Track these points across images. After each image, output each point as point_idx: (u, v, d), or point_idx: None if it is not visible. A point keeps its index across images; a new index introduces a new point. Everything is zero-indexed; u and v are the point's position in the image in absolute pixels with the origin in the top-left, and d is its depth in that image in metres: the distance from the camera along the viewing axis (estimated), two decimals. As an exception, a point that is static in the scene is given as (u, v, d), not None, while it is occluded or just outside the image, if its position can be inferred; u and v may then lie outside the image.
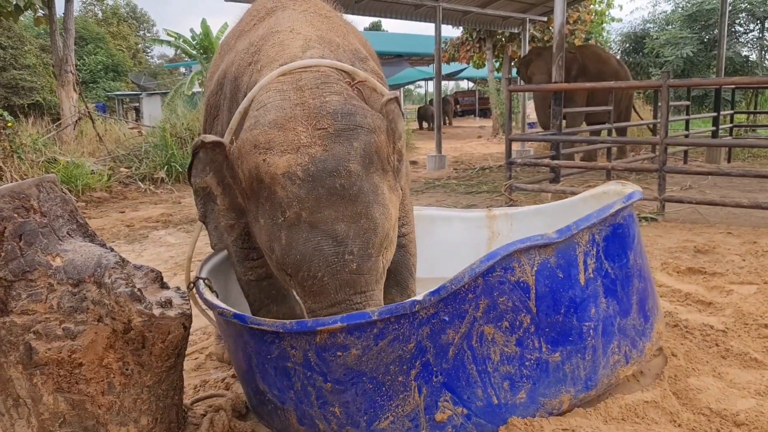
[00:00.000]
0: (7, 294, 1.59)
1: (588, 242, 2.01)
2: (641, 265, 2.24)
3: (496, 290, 1.80)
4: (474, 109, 35.08)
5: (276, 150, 1.68)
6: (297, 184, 1.63)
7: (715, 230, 5.20)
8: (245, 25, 2.53)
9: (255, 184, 1.72)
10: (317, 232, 1.63)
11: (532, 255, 1.88)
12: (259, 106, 1.83)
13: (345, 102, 1.78)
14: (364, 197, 1.67)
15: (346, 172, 1.66)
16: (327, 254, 1.63)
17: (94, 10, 34.32)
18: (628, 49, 20.52)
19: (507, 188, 6.70)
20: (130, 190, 9.31)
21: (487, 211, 3.18)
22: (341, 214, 1.64)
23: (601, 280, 2.05)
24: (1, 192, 1.59)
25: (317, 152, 1.66)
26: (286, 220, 1.65)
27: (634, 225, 2.25)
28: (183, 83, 21.09)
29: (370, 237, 1.67)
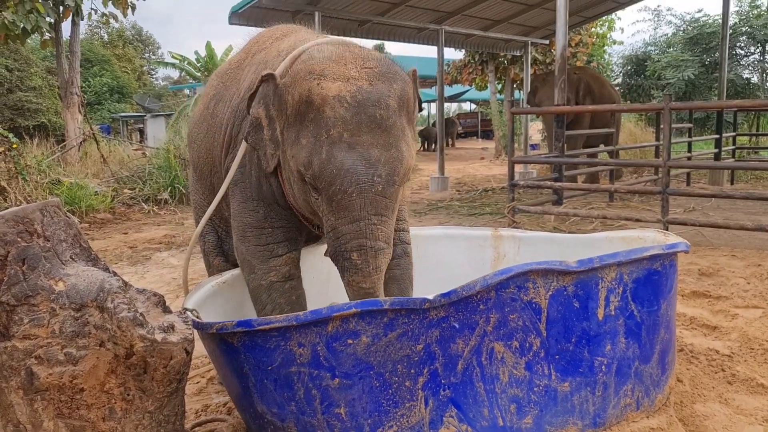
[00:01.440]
0: (9, 319, 1.58)
1: (614, 280, 2.00)
2: (671, 317, 2.21)
3: (507, 306, 1.80)
4: (476, 131, 35.21)
5: (329, 77, 1.91)
6: (345, 107, 1.86)
7: (719, 253, 5.18)
8: (259, 47, 2.59)
9: (303, 107, 1.92)
10: (354, 153, 1.85)
11: (549, 279, 1.88)
12: (310, 50, 2.08)
13: (384, 57, 2.08)
14: (396, 131, 1.92)
15: (386, 105, 1.90)
16: (359, 173, 1.84)
17: (100, 32, 34.64)
18: (629, 72, 20.61)
19: (510, 210, 6.69)
20: (134, 211, 9.34)
21: (493, 231, 3.14)
22: (377, 140, 1.87)
23: (624, 320, 2.02)
24: (5, 216, 1.60)
25: (364, 84, 1.91)
26: (330, 137, 1.86)
27: (674, 276, 2.20)
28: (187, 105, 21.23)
29: (396, 166, 1.89)
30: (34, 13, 11.19)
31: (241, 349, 1.84)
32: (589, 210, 7.25)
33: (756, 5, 18.06)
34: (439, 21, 11.59)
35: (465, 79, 19.77)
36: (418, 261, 3.08)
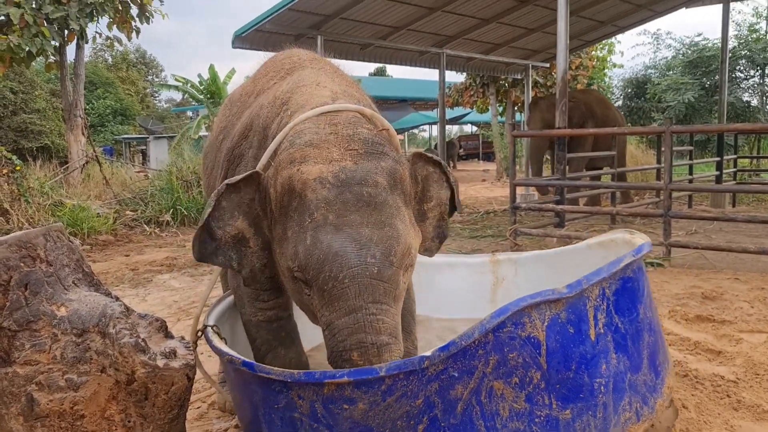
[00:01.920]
0: (11, 344, 1.58)
1: (598, 296, 1.98)
2: (651, 318, 2.20)
3: (506, 346, 1.77)
4: (478, 153, 35.35)
5: (309, 162, 1.78)
6: (327, 187, 1.72)
7: (722, 276, 5.17)
8: (263, 84, 2.61)
9: (286, 197, 1.80)
10: (342, 234, 1.69)
11: (543, 310, 1.85)
12: (294, 134, 1.92)
13: (375, 134, 1.91)
14: (388, 208, 1.76)
15: (373, 183, 1.75)
16: (350, 255, 1.67)
17: (104, 55, 34.97)
18: (630, 94, 20.75)
19: (512, 233, 6.69)
20: (135, 233, 9.34)
21: (491, 257, 3.16)
22: (366, 219, 1.71)
23: (611, 336, 2.01)
24: (8, 241, 1.60)
25: (347, 164, 1.77)
26: (313, 221, 1.71)
27: (644, 278, 2.21)
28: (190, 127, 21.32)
29: (392, 245, 1.72)
30: (40, 37, 11.29)
31: (252, 381, 1.83)
32: (591, 233, 7.24)
33: (755, 29, 18.24)
34: (441, 45, 11.69)
35: (466, 101, 19.91)
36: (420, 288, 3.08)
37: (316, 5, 9.00)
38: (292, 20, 9.25)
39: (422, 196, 2.04)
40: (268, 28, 9.09)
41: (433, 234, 2.11)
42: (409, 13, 10.22)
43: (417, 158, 2.01)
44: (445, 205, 2.10)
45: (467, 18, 10.90)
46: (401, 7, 9.87)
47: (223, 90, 21.12)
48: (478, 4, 10.41)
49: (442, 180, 2.07)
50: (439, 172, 2.06)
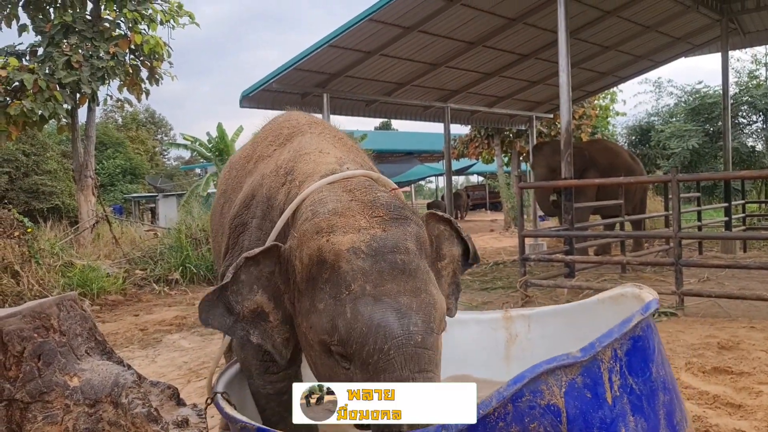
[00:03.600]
0: (23, 416, 1.57)
1: (611, 358, 1.94)
2: (664, 376, 2.15)
3: (527, 416, 1.72)
4: (485, 203, 35.46)
5: (338, 231, 1.75)
6: (361, 257, 1.70)
7: (737, 324, 5.10)
8: (263, 150, 2.63)
9: (315, 269, 1.76)
10: (382, 305, 1.65)
11: (559, 375, 1.82)
12: (315, 202, 1.90)
13: (393, 198, 1.91)
14: (422, 274, 1.75)
15: (405, 249, 1.75)
16: (393, 326, 1.64)
17: (114, 116, 35.67)
18: (634, 141, 20.92)
19: (522, 284, 6.65)
20: (145, 292, 9.34)
21: (504, 313, 3.14)
22: (403, 287, 1.69)
23: (627, 398, 1.96)
24: (22, 312, 1.61)
25: (377, 232, 1.75)
26: (351, 293, 1.67)
27: (653, 335, 2.17)
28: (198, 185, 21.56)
29: (431, 311, 1.70)
30: (52, 101, 11.59)
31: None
32: (602, 282, 7.20)
33: (755, 76, 18.47)
34: (445, 99, 11.89)
35: (472, 153, 20.11)
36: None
37: (321, 65, 9.21)
38: (298, 80, 9.45)
39: (436, 255, 2.02)
40: (275, 87, 9.29)
41: (449, 291, 2.08)
42: (413, 70, 10.44)
43: (429, 218, 2.02)
44: (458, 262, 2.09)
45: (470, 72, 11.12)
46: (405, 64, 10.09)
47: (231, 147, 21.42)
48: (481, 59, 10.63)
49: (452, 237, 2.07)
50: (450, 229, 2.07)
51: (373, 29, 8.62)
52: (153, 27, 13.10)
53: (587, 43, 10.78)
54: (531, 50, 10.78)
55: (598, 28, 10.40)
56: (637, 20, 10.51)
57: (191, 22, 13.94)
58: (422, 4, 8.29)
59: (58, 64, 11.63)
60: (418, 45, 9.54)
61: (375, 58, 9.52)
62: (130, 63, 12.90)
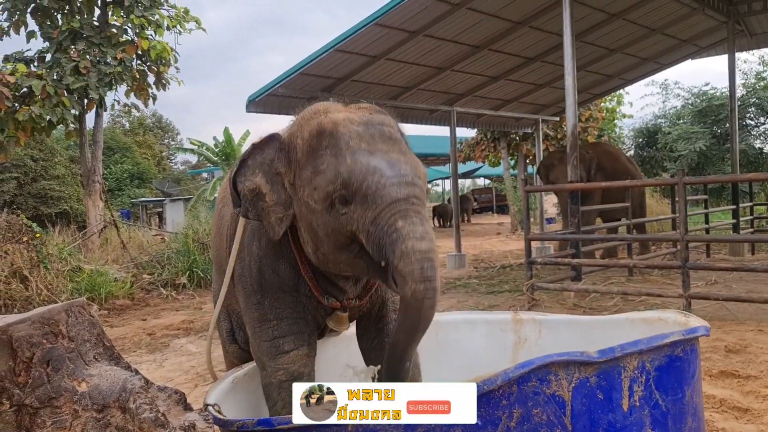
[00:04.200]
0: (32, 422, 1.59)
1: (636, 369, 1.95)
2: (697, 403, 2.14)
3: (530, 400, 1.76)
4: (491, 206, 35.40)
5: (334, 112, 2.10)
6: (356, 124, 2.03)
7: (745, 327, 5.08)
8: None
9: (315, 140, 2.05)
10: (376, 157, 1.97)
11: (571, 371, 1.84)
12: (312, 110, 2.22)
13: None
14: (406, 144, 2.12)
15: (390, 124, 2.10)
16: (386, 169, 1.94)
17: (121, 121, 35.83)
18: (641, 144, 20.86)
19: (529, 288, 6.65)
20: (152, 296, 9.38)
21: (513, 315, 3.11)
22: (392, 148, 2.02)
23: (649, 410, 1.97)
24: (31, 318, 1.63)
25: (365, 113, 2.11)
26: (350, 148, 1.97)
27: (696, 361, 2.15)
28: (205, 189, 21.66)
29: (417, 165, 2.04)
30: (60, 107, 11.65)
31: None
32: (608, 285, 7.18)
33: (762, 77, 18.39)
34: (450, 103, 11.89)
35: (478, 156, 20.09)
36: (437, 347, 3.05)
37: (327, 69, 9.24)
38: (304, 84, 9.48)
39: None
40: (281, 92, 9.32)
41: None
42: (419, 74, 10.44)
43: None
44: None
45: (476, 76, 11.12)
46: (411, 68, 10.10)
47: (238, 151, 21.52)
48: (486, 62, 10.63)
49: None
50: None
51: (378, 33, 8.64)
52: (160, 33, 13.16)
53: (593, 46, 10.78)
54: (537, 53, 10.78)
55: (603, 31, 10.39)
56: (643, 23, 10.49)
57: (198, 28, 13.99)
58: (428, 8, 8.31)
59: (66, 70, 11.70)
60: (423, 49, 9.55)
61: (381, 63, 9.54)
62: (137, 68, 12.96)
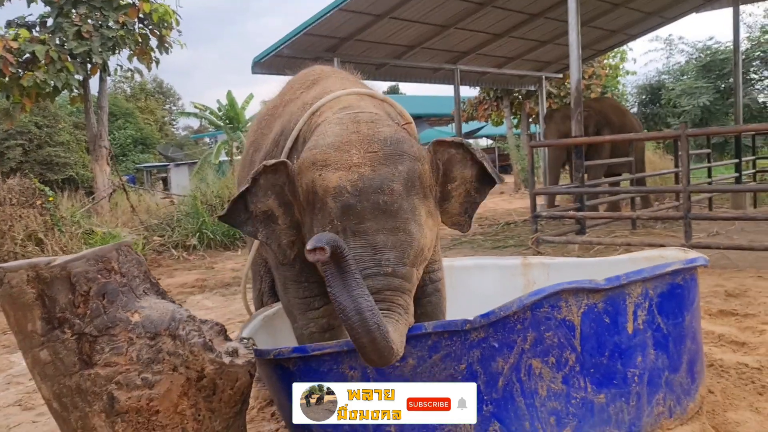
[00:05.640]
0: (92, 348, 1.75)
1: (640, 295, 2.11)
2: (696, 329, 2.33)
3: (542, 325, 1.93)
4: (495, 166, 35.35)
5: (330, 167, 1.92)
6: (345, 197, 1.87)
7: (745, 275, 5.23)
8: (290, 95, 2.77)
9: (311, 196, 1.97)
10: (359, 241, 1.85)
11: (580, 297, 2.00)
12: (320, 133, 2.08)
13: (395, 132, 2.03)
14: (403, 214, 1.89)
15: (389, 191, 1.89)
16: (366, 260, 1.83)
17: (123, 87, 35.71)
18: (645, 101, 20.80)
19: (534, 241, 6.80)
20: (164, 257, 9.56)
21: (523, 259, 3.27)
22: (382, 226, 1.86)
23: (651, 333, 2.14)
24: (86, 256, 1.78)
25: (366, 171, 1.90)
26: (334, 227, 1.87)
27: (695, 289, 2.33)
28: (210, 153, 21.71)
29: (405, 248, 1.88)
30: (64, 72, 11.68)
31: (297, 373, 1.99)
32: (612, 238, 7.33)
33: (767, 30, 18.23)
34: (454, 61, 11.89)
35: (481, 115, 20.08)
36: (451, 291, 3.19)
37: (331, 29, 9.25)
38: (308, 44, 9.51)
39: (445, 178, 2.13)
40: (286, 53, 9.36)
41: (460, 210, 2.17)
42: (423, 32, 10.44)
43: (437, 146, 2.12)
44: (471, 182, 2.15)
45: (480, 33, 11.11)
46: (414, 26, 10.10)
47: (241, 115, 21.52)
48: (490, 19, 10.61)
49: (466, 159, 2.14)
50: (462, 152, 2.13)
51: (382, -9, 8.65)
52: (161, -6, 13.10)
53: (597, 1, 10.72)
54: (540, 9, 10.74)
55: (607, -15, 10.35)
56: (647, -24, 10.43)
57: (199, -11, 13.90)
58: (431, -36, 8.30)
59: (68, 35, 11.70)
60: (427, 7, 9.54)
61: (384, 21, 9.54)
62: (139, 32, 12.93)
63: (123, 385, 1.74)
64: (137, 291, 1.83)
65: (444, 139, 2.12)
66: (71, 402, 1.78)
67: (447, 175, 2.13)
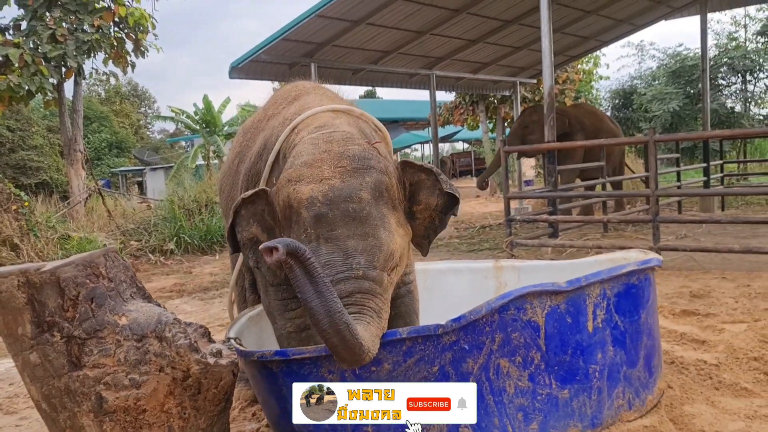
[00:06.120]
0: (81, 350, 1.82)
1: (598, 295, 2.25)
2: (652, 325, 2.47)
3: (509, 326, 2.05)
4: (471, 170, 35.67)
5: (303, 181, 2.07)
6: (317, 206, 2.00)
7: (710, 276, 5.42)
8: (273, 110, 2.92)
9: (287, 211, 2.10)
10: (331, 246, 1.97)
11: (544, 299, 2.13)
12: (296, 153, 2.22)
13: (364, 150, 2.16)
14: (372, 220, 2.01)
15: (358, 199, 2.01)
16: (338, 265, 1.95)
17: (97, 90, 35.38)
18: (618, 105, 21.13)
19: (508, 244, 6.94)
20: (141, 262, 9.55)
21: (495, 262, 3.41)
22: (353, 232, 1.98)
23: (610, 331, 2.28)
24: (75, 262, 1.85)
25: (336, 183, 2.03)
26: (308, 236, 2.00)
27: (650, 288, 2.48)
28: (187, 157, 21.62)
29: (375, 252, 1.98)
30: (38, 75, 11.57)
31: (280, 374, 2.09)
32: (584, 241, 7.51)
33: (734, 38, 18.70)
34: (430, 66, 12.05)
35: (457, 119, 20.28)
36: (425, 293, 3.32)
37: (308, 34, 9.33)
38: (286, 50, 9.58)
39: (412, 199, 2.25)
40: (264, 58, 9.42)
41: (423, 234, 2.29)
42: (398, 38, 10.57)
43: (407, 166, 2.25)
44: (435, 210, 2.25)
45: (454, 40, 11.27)
46: (390, 32, 10.22)
47: (218, 119, 21.47)
48: (465, 26, 10.77)
49: (434, 188, 2.23)
50: (433, 180, 2.23)
51: (358, -2, 8.75)
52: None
53: (569, 8, 10.94)
54: (514, 16, 10.93)
55: (579, -7, 10.57)
56: (618, -16, 10.67)
57: (175, -6, 13.90)
58: (406, -28, 8.42)
59: (42, 38, 11.59)
60: (403, 13, 9.67)
61: (361, 27, 9.65)
62: (115, 36, 12.86)
63: (111, 386, 1.81)
64: (124, 295, 1.91)
65: (414, 162, 2.25)
66: (60, 403, 1.86)
67: (414, 197, 2.25)
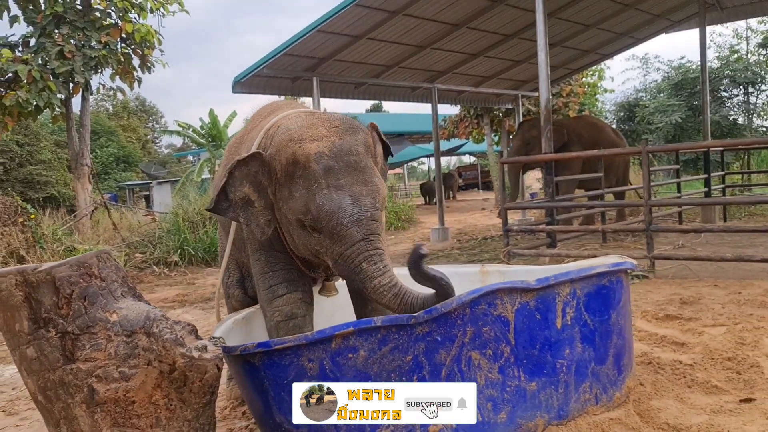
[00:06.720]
0: (74, 345, 1.94)
1: (568, 294, 2.36)
2: (623, 325, 2.57)
3: (480, 320, 2.16)
4: (477, 183, 35.80)
5: (307, 140, 2.39)
6: (325, 159, 2.33)
7: (703, 284, 5.48)
8: (253, 124, 3.14)
9: (291, 167, 2.37)
10: (342, 193, 2.30)
11: (514, 296, 2.24)
12: (284, 126, 2.52)
13: (345, 116, 2.57)
14: (368, 170, 2.40)
15: (356, 152, 2.39)
16: (349, 207, 2.29)
17: (105, 105, 35.80)
18: (623, 118, 21.22)
19: (506, 254, 7.04)
20: (146, 274, 9.68)
21: (481, 267, 3.53)
22: (356, 180, 2.34)
23: (579, 328, 2.38)
24: (69, 263, 1.97)
25: (335, 140, 2.39)
26: (318, 186, 2.31)
27: (621, 290, 2.59)
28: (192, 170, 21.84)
29: (375, 195, 2.36)
30: (46, 91, 11.82)
31: (261, 367, 2.20)
32: (581, 251, 7.59)
33: (735, 50, 18.81)
34: (431, 80, 12.19)
35: (462, 133, 20.39)
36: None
37: (310, 49, 9.50)
38: (288, 64, 9.74)
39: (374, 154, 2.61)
40: (266, 72, 9.58)
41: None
42: (400, 52, 10.72)
43: (370, 129, 2.63)
44: (381, 156, 2.71)
45: (455, 54, 11.41)
46: (391, 46, 10.37)
47: (224, 133, 21.71)
48: (465, 40, 10.92)
49: (377, 140, 2.66)
50: (376, 134, 2.66)
51: (360, 14, 8.89)
52: (143, 15, 13.30)
53: (568, 22, 11.08)
54: (513, 30, 11.07)
55: (578, 8, 10.68)
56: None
57: (181, 10, 14.13)
58: (406, -12, 8.57)
59: (51, 55, 11.85)
60: (404, 28, 9.82)
61: (362, 42, 9.80)
62: (122, 51, 13.10)
63: (102, 378, 1.93)
64: (115, 294, 2.03)
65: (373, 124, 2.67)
66: (55, 394, 1.97)
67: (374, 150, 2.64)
